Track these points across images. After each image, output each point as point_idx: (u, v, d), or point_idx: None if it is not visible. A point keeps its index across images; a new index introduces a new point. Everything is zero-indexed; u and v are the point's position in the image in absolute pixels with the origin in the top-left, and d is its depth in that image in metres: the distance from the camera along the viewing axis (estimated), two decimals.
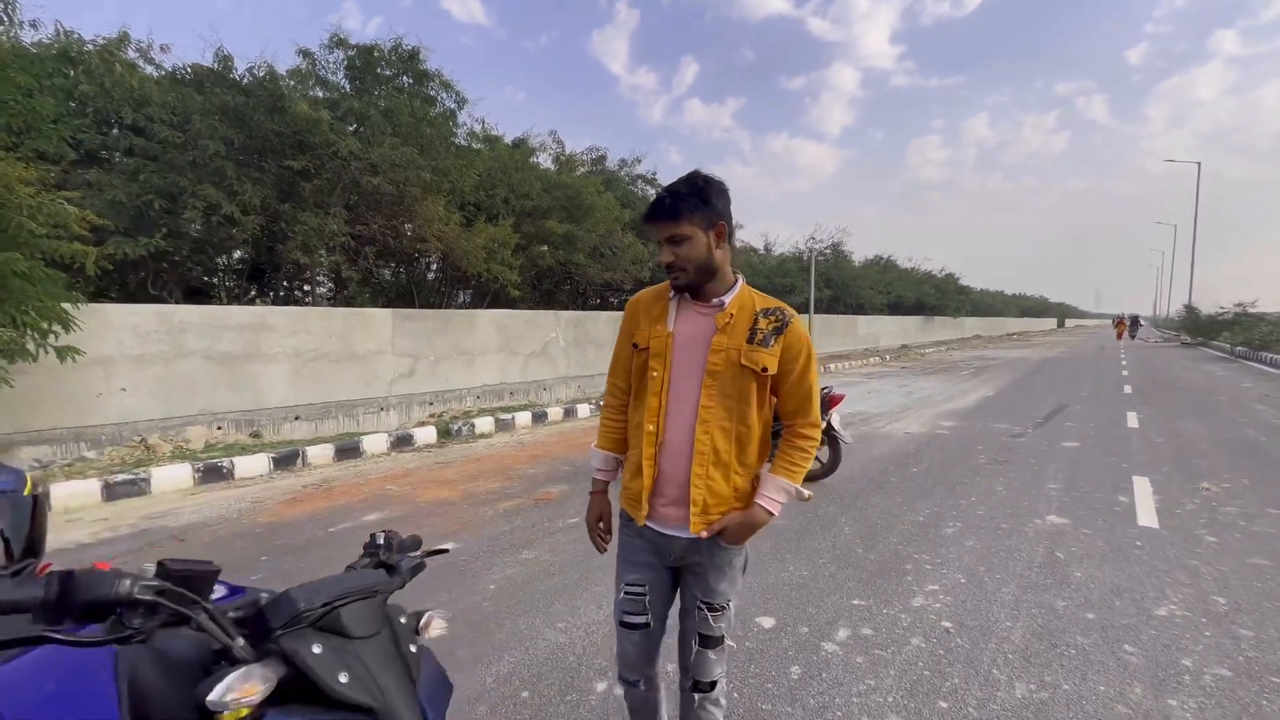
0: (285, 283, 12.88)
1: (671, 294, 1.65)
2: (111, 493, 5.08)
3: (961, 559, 3.89)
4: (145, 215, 8.78)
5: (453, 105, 11.54)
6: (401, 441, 7.12)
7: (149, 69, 10.00)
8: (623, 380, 1.78)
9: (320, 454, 6.41)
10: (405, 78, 10.94)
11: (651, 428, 1.61)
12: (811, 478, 5.64)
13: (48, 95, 8.94)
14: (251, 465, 5.90)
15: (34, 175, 6.99)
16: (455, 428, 7.76)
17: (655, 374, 1.61)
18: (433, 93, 11.26)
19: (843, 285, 28.12)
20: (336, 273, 12.09)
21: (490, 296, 13.39)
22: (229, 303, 10.86)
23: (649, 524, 1.67)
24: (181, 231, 8.96)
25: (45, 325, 6.83)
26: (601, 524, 1.82)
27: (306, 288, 12.98)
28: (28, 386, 7.26)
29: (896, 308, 34.71)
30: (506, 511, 4.85)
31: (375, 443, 6.88)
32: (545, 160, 15.34)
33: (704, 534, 1.60)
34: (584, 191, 13.14)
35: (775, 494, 1.62)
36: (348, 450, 6.65)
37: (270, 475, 5.95)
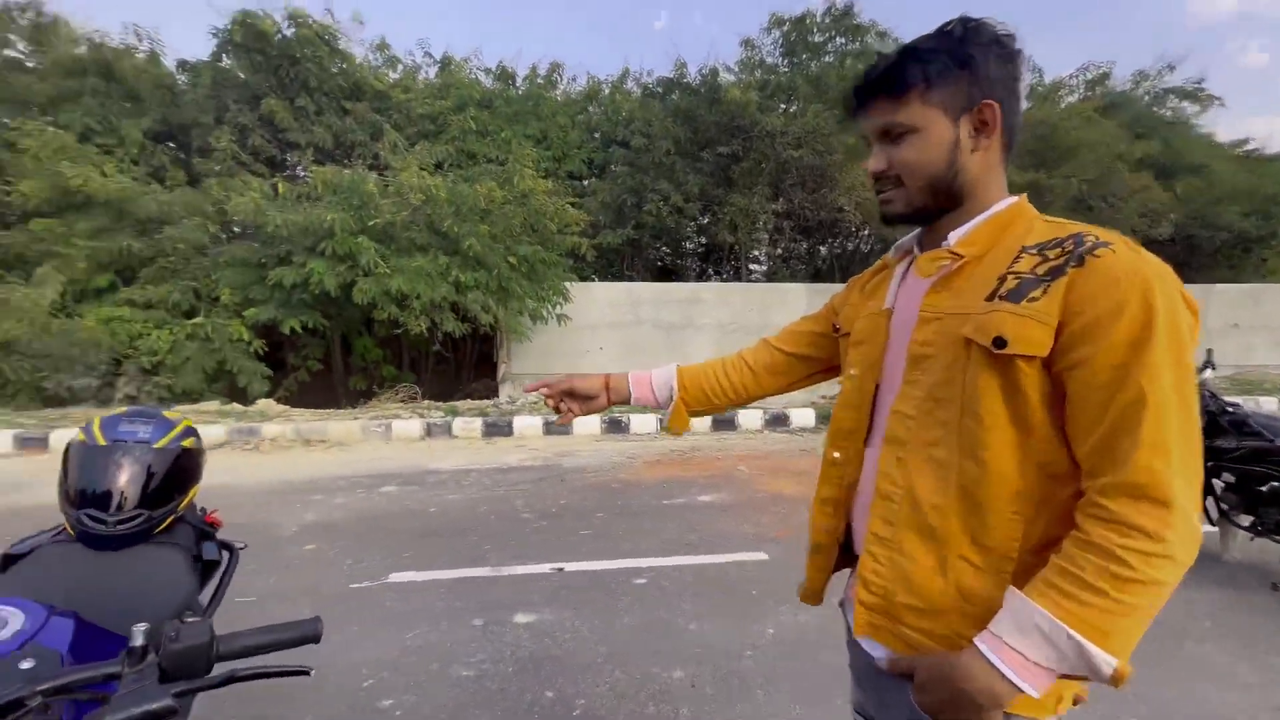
0: (734, 262, 13.93)
1: (903, 255, 0.97)
2: (549, 429, 6.27)
3: None
4: (622, 211, 10.66)
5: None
6: (776, 421, 6.63)
7: (636, 91, 12.01)
8: (782, 342, 1.21)
9: (699, 420, 6.50)
10: (838, 38, 10.06)
11: (838, 455, 0.97)
12: None
13: (576, 129, 11.71)
14: (644, 423, 6.42)
15: (551, 187, 9.20)
16: None
17: (853, 373, 0.96)
18: (870, 44, 10.06)
19: None
20: (771, 249, 12.36)
21: None
22: (693, 281, 12.38)
23: (843, 611, 1.01)
24: (644, 222, 10.51)
25: (555, 298, 9.03)
26: (553, 389, 1.23)
27: (751, 267, 13.76)
28: (544, 343, 9.77)
29: None
30: None
31: (750, 418, 6.59)
32: None
33: (881, 661, 0.86)
34: (1060, 126, 9.70)
35: (1014, 636, 0.70)
36: (723, 421, 6.56)
37: (655, 435, 6.35)
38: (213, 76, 9.55)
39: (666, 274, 12.89)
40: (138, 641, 0.72)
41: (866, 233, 11.84)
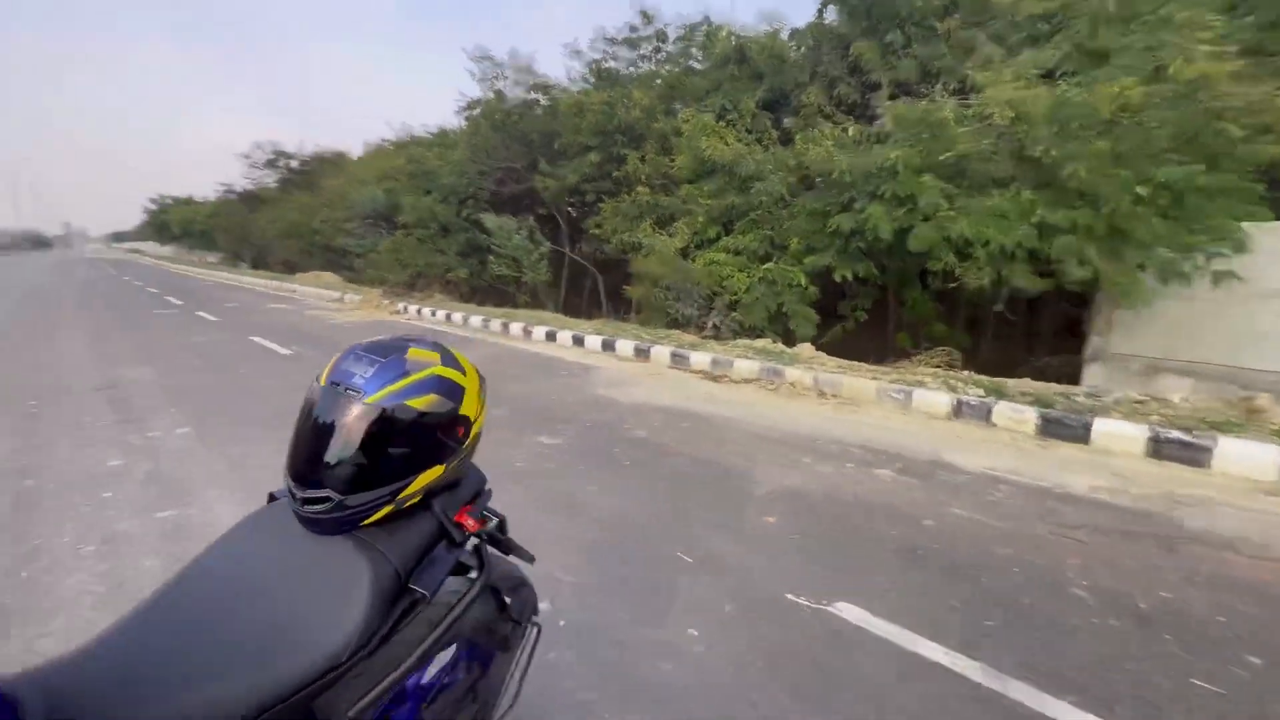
0: None
1: None
2: (1157, 450, 3.79)
3: None
4: None
5: None
6: None
7: None
8: None
9: None
10: None
11: None
12: None
13: None
14: None
15: (1241, 67, 5.54)
16: None
17: None
18: None
19: None
20: None
21: None
22: None
23: None
24: None
25: (1216, 246, 5.69)
26: None
27: None
28: (1176, 313, 6.36)
29: None
30: None
31: None
32: None
33: None
34: None
35: None
36: None
37: None
38: (813, 35, 9.92)
39: None
40: None
41: None
